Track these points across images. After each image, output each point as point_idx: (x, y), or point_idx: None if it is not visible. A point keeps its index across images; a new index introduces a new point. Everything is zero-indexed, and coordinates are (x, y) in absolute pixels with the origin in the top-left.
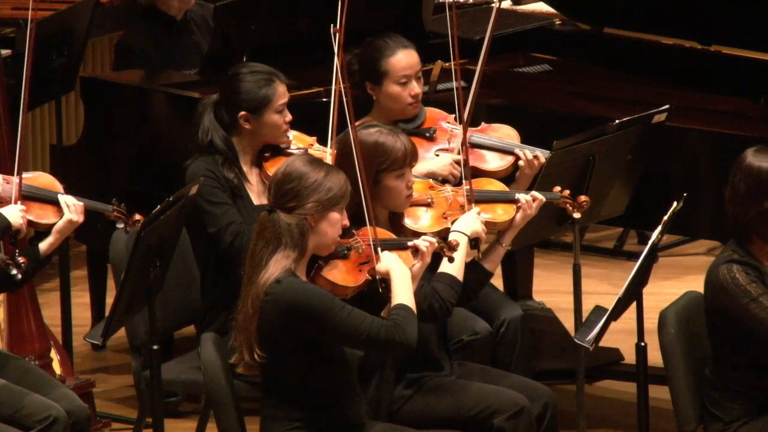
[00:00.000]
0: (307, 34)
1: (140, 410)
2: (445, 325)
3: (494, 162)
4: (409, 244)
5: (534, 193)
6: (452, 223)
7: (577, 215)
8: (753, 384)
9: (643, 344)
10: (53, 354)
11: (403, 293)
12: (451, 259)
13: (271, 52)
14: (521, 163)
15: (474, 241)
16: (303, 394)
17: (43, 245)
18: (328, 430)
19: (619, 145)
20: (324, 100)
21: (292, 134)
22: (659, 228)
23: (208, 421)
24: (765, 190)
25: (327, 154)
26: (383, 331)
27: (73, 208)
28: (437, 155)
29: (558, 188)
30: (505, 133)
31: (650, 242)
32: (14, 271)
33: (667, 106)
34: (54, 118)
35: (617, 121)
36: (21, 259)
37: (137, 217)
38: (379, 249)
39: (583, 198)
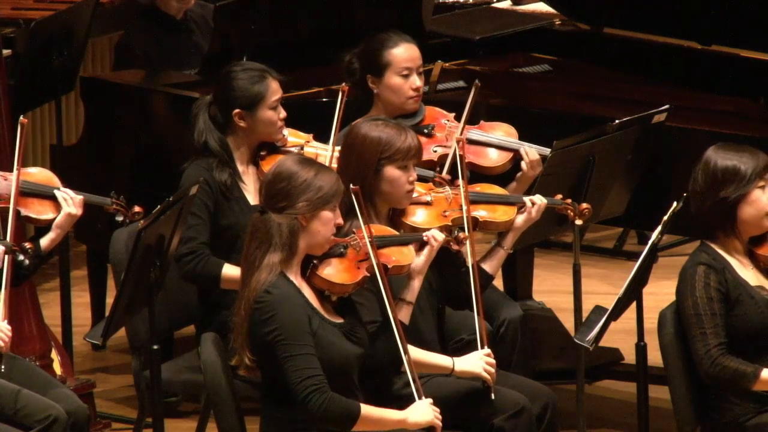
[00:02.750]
0: (307, 34)
1: (140, 410)
2: (445, 325)
3: (492, 158)
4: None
5: (536, 198)
6: (452, 221)
7: (578, 222)
8: None
9: (643, 344)
10: (54, 355)
11: (377, 411)
12: (459, 253)
13: (271, 52)
14: (524, 164)
15: (485, 388)
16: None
17: (44, 241)
18: (328, 430)
19: (619, 145)
20: (324, 99)
21: (286, 131)
22: (659, 228)
23: (208, 421)
24: (720, 182)
25: (325, 152)
26: (309, 391)
27: (71, 201)
28: (437, 155)
29: (560, 196)
30: (503, 131)
31: (650, 242)
32: (21, 257)
33: (667, 106)
34: (54, 118)
35: (617, 121)
36: (28, 245)
37: (137, 209)
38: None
39: (584, 206)
